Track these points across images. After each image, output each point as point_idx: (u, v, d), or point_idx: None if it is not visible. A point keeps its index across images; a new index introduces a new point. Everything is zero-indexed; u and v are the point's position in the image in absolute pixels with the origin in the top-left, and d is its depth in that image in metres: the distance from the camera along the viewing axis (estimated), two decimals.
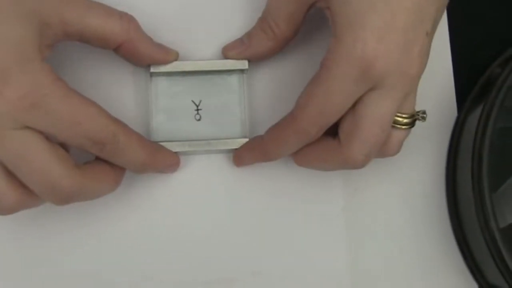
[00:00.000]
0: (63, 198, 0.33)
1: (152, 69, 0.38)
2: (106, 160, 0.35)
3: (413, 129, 0.37)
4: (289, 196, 0.41)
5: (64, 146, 0.33)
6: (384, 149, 0.36)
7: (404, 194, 0.42)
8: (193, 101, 0.40)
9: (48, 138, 0.32)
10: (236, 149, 0.39)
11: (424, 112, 0.37)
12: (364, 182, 0.42)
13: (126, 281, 0.40)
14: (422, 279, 0.42)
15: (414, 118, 0.36)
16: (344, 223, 0.42)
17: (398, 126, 0.36)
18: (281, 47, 0.39)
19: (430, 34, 0.34)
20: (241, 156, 0.39)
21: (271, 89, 0.42)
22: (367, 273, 0.42)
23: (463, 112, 0.43)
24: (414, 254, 0.42)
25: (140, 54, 0.36)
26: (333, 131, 0.36)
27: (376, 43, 0.32)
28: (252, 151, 0.39)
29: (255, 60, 0.39)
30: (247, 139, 0.39)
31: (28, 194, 0.32)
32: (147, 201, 0.40)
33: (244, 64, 0.39)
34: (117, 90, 0.40)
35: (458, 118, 0.43)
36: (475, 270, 0.42)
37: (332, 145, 0.36)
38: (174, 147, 0.38)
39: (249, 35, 0.39)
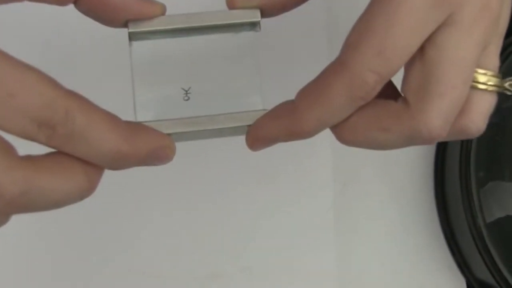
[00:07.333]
0: (6, 201, 0.23)
1: (131, 28, 0.27)
2: None
3: None
4: (278, 191, 0.41)
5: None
6: (465, 120, 0.26)
7: (392, 189, 0.42)
8: (188, 68, 0.30)
9: None
10: (250, 125, 0.28)
11: None
12: (353, 178, 0.42)
13: (114, 275, 0.40)
14: (410, 274, 0.42)
15: (502, 80, 0.27)
16: (332, 219, 0.42)
17: (482, 86, 0.26)
18: None
19: None
20: (261, 129, 0.28)
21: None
22: (355, 269, 0.42)
23: None
24: (402, 249, 0.42)
25: (109, 3, 0.26)
26: (389, 94, 0.27)
27: None
28: (278, 121, 0.27)
29: (270, 10, 0.28)
30: (265, 111, 0.28)
31: None
32: (134, 195, 0.40)
33: (255, 15, 0.28)
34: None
35: None
36: (462, 265, 0.42)
37: (395, 109, 0.26)
38: (164, 127, 0.27)
39: None
